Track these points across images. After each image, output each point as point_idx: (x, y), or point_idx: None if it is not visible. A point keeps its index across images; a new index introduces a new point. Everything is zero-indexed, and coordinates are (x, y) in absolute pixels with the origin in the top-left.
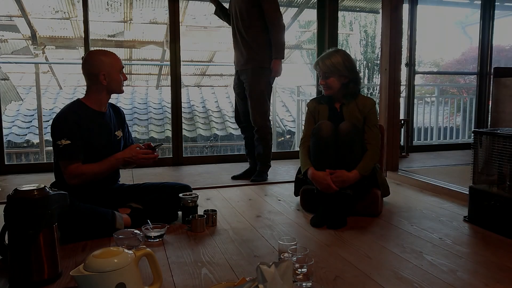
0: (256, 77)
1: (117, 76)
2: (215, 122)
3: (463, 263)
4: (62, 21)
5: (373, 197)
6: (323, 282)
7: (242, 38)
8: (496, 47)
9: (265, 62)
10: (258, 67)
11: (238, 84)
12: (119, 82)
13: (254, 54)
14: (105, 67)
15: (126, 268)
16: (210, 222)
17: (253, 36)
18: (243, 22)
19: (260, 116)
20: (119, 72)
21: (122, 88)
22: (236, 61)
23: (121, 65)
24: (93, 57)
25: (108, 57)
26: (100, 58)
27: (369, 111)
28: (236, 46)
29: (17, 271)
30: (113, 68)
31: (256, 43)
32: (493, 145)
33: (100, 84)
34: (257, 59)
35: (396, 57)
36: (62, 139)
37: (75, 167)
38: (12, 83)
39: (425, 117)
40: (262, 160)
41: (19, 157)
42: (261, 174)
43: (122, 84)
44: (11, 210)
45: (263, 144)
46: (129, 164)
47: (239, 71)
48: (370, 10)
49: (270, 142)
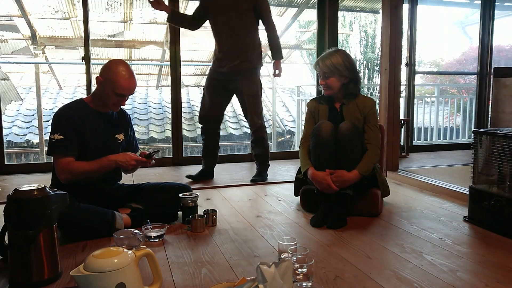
0: (251, 78)
1: (111, 94)
2: None
3: (463, 263)
4: (62, 21)
5: (373, 197)
6: (323, 282)
7: (236, 38)
8: (496, 47)
9: (259, 63)
10: (253, 68)
11: (221, 85)
12: (108, 98)
13: (250, 54)
14: (108, 77)
15: (126, 268)
16: (210, 222)
17: (249, 37)
18: (240, 23)
19: (257, 117)
20: (114, 93)
21: (110, 106)
22: (225, 61)
23: (122, 91)
24: (113, 62)
25: (119, 74)
26: (115, 67)
27: (369, 111)
28: (226, 46)
29: (17, 271)
30: (113, 85)
31: (251, 44)
32: (493, 145)
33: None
34: (253, 60)
35: (396, 57)
36: (55, 133)
37: (66, 162)
38: (12, 83)
39: (425, 117)
40: (262, 160)
41: (19, 157)
42: (261, 174)
43: (112, 103)
44: (11, 210)
45: (262, 144)
46: (125, 169)
47: (229, 72)
48: (370, 10)
49: (268, 141)
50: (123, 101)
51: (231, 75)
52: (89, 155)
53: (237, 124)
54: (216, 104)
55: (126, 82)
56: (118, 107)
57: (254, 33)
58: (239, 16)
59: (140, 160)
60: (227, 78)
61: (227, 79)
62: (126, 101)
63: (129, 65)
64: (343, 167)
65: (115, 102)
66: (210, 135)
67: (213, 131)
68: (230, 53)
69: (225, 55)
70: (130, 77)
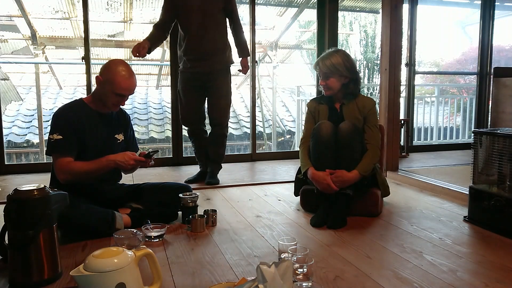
0: (225, 77)
1: (110, 93)
2: None
3: (463, 263)
4: (62, 21)
5: (373, 197)
6: (323, 282)
7: (210, 38)
8: (496, 47)
9: (230, 62)
10: (226, 67)
11: (197, 85)
12: (108, 98)
13: (222, 54)
14: (108, 77)
15: (126, 268)
16: (210, 222)
17: (221, 37)
18: (213, 23)
19: (227, 116)
20: (114, 93)
21: (110, 106)
22: (199, 61)
23: (121, 91)
24: (113, 62)
25: (118, 75)
26: (115, 67)
27: (369, 111)
28: (200, 47)
29: (17, 271)
30: (112, 85)
31: (223, 44)
32: (493, 145)
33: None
34: (225, 59)
35: (396, 57)
36: (54, 133)
37: (65, 162)
38: (12, 83)
39: (425, 117)
40: (219, 159)
41: (19, 157)
42: (215, 175)
43: (112, 103)
44: (11, 210)
45: (222, 142)
46: (124, 169)
47: (203, 72)
48: (370, 10)
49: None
50: (122, 101)
51: (206, 75)
52: (89, 155)
53: (237, 124)
54: (195, 105)
55: (125, 82)
56: (118, 107)
57: (225, 33)
58: (211, 16)
59: (139, 160)
60: (202, 78)
61: (202, 79)
62: (126, 101)
63: (129, 65)
64: (343, 167)
65: (115, 102)
66: (198, 137)
67: (199, 131)
68: (204, 54)
69: (198, 56)
70: (130, 77)
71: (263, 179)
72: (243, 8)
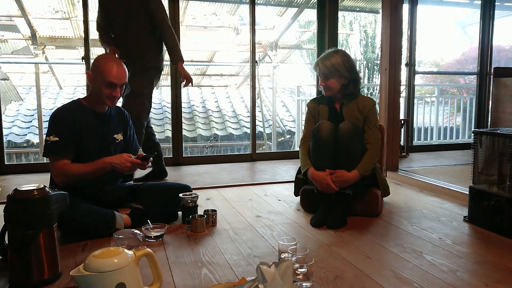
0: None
1: (102, 85)
2: (215, 122)
3: (463, 263)
4: (62, 21)
5: (373, 197)
6: (323, 282)
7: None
8: (496, 47)
9: (154, 64)
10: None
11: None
12: (100, 92)
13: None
14: (97, 69)
15: (126, 268)
16: (210, 222)
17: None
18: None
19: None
20: (104, 83)
21: (105, 100)
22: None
23: (111, 79)
24: (99, 56)
25: (106, 65)
26: (103, 59)
27: (369, 111)
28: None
29: (17, 271)
30: (101, 75)
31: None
32: (493, 145)
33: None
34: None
35: (396, 57)
36: (51, 135)
37: (62, 164)
38: (12, 83)
39: (425, 117)
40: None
41: (19, 157)
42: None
43: (106, 96)
44: (11, 210)
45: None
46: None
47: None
48: (370, 10)
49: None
50: (115, 91)
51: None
52: (87, 155)
53: (237, 124)
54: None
55: (114, 70)
56: (113, 100)
57: (148, 34)
58: (132, 18)
59: (136, 163)
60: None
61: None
62: (120, 93)
63: (118, 58)
64: (343, 167)
65: (108, 94)
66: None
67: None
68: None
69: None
70: (118, 66)
71: (263, 179)
72: (243, 8)
